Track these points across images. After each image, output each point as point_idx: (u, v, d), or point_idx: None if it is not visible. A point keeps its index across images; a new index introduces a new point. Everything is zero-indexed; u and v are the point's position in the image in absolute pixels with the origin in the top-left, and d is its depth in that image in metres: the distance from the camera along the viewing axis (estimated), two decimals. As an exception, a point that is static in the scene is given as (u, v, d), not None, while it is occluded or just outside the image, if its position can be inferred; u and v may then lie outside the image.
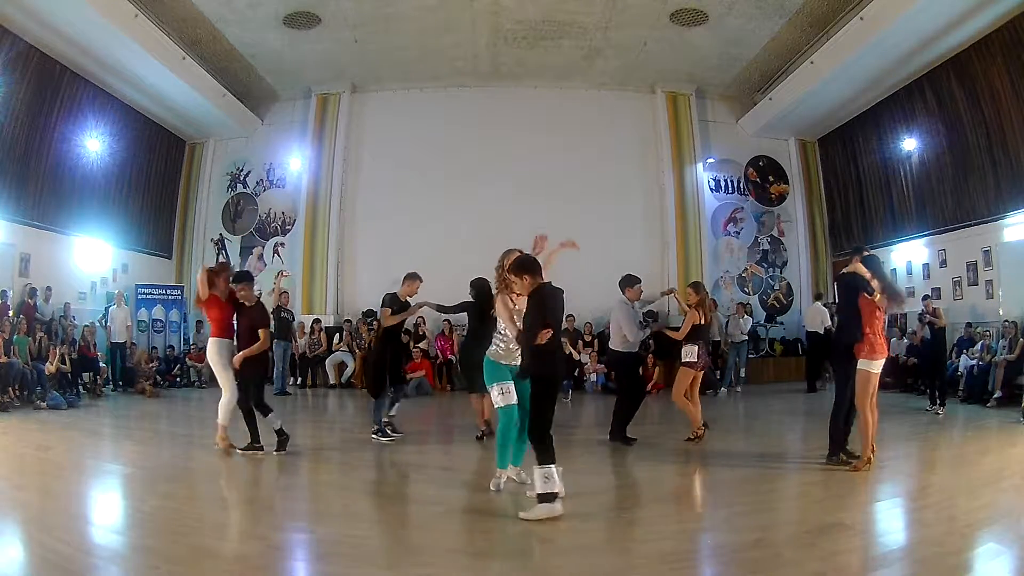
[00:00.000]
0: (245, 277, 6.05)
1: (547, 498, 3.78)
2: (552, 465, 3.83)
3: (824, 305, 11.36)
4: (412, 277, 6.70)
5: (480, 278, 6.49)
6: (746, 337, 11.41)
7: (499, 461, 4.48)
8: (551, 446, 3.90)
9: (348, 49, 11.83)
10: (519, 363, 4.30)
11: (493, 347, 4.47)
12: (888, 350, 5.23)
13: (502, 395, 4.32)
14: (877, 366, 4.90)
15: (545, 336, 3.91)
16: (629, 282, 6.49)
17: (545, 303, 4.02)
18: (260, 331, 5.71)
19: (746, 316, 11.65)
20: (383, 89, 13.44)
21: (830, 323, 11.00)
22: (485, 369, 4.44)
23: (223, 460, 5.48)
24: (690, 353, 6.31)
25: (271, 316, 9.95)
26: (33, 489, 4.47)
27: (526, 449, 4.47)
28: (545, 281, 4.13)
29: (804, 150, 14.02)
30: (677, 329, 6.58)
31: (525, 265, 4.09)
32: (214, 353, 5.75)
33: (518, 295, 4.25)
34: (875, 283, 4.92)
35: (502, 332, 4.45)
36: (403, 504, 4.55)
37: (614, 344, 6.52)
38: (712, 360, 10.09)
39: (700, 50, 11.85)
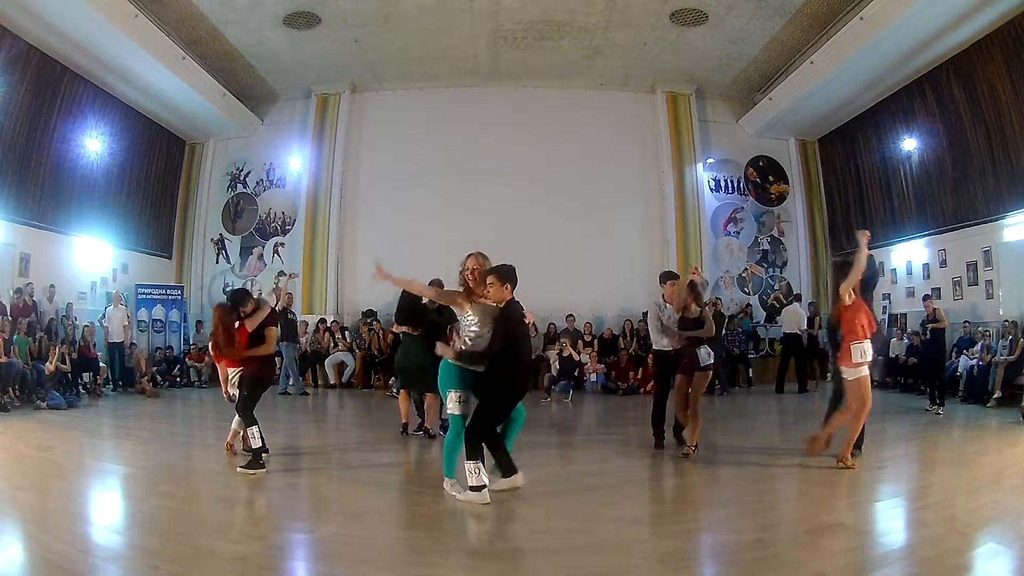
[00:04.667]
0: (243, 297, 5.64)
1: (476, 488, 4.10)
2: (479, 461, 4.12)
3: (806, 306, 11.44)
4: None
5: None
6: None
7: (447, 470, 4.40)
8: (481, 446, 4.19)
9: (348, 49, 11.82)
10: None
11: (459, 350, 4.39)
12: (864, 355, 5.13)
13: (458, 403, 4.33)
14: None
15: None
16: (661, 279, 6.14)
17: (519, 322, 4.29)
18: (267, 331, 5.42)
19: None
20: (383, 89, 13.44)
21: (806, 325, 11.08)
22: (444, 372, 4.37)
23: (223, 460, 5.47)
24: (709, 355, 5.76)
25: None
26: (33, 489, 4.47)
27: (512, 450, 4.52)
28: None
29: (804, 150, 14.01)
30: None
31: (510, 275, 4.29)
32: None
33: (482, 298, 4.32)
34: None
35: (471, 335, 4.33)
36: (403, 504, 4.55)
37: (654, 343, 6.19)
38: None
39: (700, 50, 11.84)
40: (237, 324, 5.38)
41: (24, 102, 9.72)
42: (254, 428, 5.16)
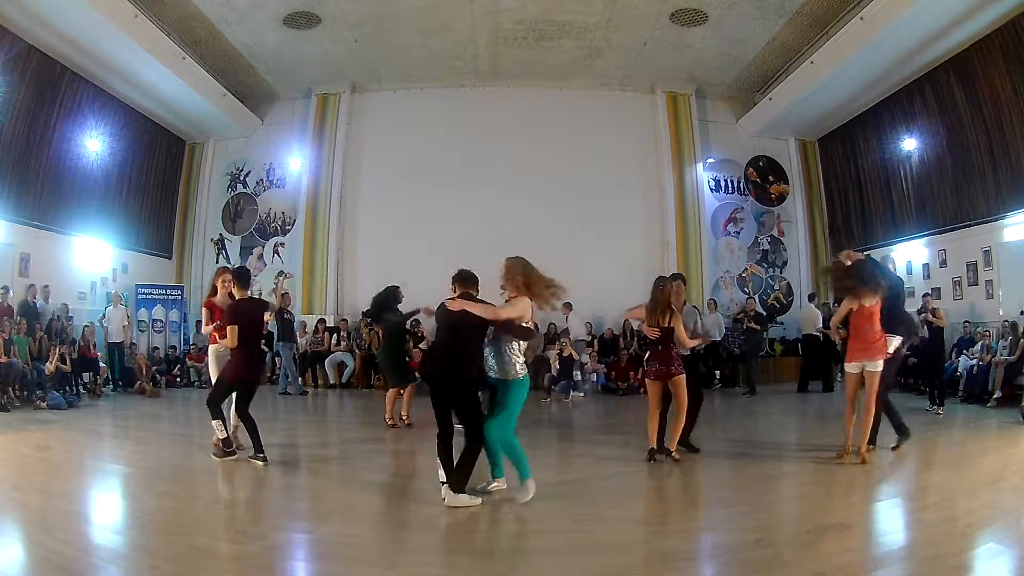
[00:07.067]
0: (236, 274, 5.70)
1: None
2: None
3: (819, 306, 11.41)
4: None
5: (392, 286, 7.21)
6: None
7: (499, 471, 4.50)
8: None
9: (348, 49, 11.82)
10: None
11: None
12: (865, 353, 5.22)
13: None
14: (851, 367, 5.30)
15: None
16: (680, 279, 5.81)
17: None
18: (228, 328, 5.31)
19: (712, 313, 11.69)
20: (383, 89, 13.43)
21: (821, 324, 11.06)
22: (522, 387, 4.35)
23: (223, 460, 5.47)
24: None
25: (275, 318, 9.98)
26: (33, 489, 4.47)
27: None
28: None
29: (804, 150, 14.02)
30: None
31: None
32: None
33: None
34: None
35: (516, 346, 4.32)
36: (403, 504, 4.55)
37: None
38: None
39: (700, 50, 11.84)
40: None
41: (24, 102, 9.72)
42: (217, 421, 5.30)
